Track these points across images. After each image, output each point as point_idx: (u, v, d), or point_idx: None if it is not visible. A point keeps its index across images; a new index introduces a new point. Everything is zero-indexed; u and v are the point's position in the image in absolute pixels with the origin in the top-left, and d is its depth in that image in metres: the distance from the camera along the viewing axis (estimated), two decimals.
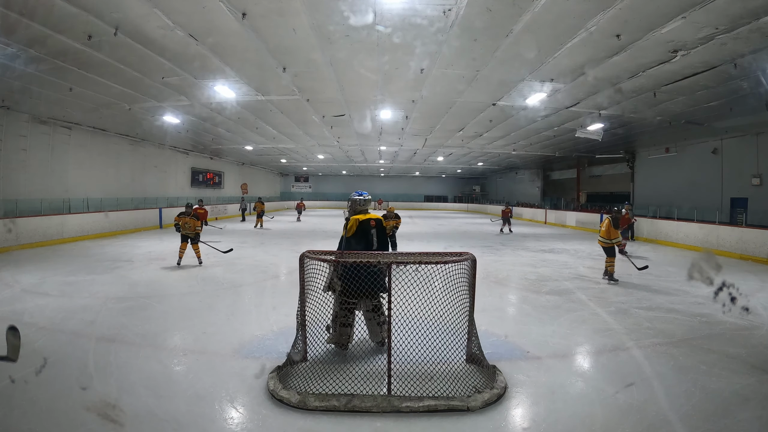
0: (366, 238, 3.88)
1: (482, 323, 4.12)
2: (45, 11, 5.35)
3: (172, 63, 7.41)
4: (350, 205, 4.11)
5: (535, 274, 7.69)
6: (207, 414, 2.69)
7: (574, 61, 7.07)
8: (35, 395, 2.84)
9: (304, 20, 5.70)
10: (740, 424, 2.63)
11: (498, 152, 19.54)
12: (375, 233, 3.93)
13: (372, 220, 3.96)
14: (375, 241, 3.91)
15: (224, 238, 13.05)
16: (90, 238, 12.25)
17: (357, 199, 4.11)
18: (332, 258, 3.31)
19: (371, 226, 3.93)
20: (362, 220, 3.94)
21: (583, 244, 12.39)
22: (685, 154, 15.60)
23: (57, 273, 7.04)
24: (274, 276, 7.46)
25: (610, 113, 10.75)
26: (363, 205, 4.11)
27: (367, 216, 4.00)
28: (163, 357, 3.63)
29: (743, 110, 10.18)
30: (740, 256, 9.89)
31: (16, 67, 7.22)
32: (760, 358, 3.66)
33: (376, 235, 3.93)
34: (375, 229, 3.95)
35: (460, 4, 5.15)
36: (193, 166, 21.82)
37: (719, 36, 5.79)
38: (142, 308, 5.08)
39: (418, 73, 7.92)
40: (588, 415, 2.73)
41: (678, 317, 4.94)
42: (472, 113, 11.56)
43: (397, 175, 38.82)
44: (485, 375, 3.19)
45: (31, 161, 11.46)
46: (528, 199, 29.58)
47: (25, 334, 4.19)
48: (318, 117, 12.19)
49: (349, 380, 3.03)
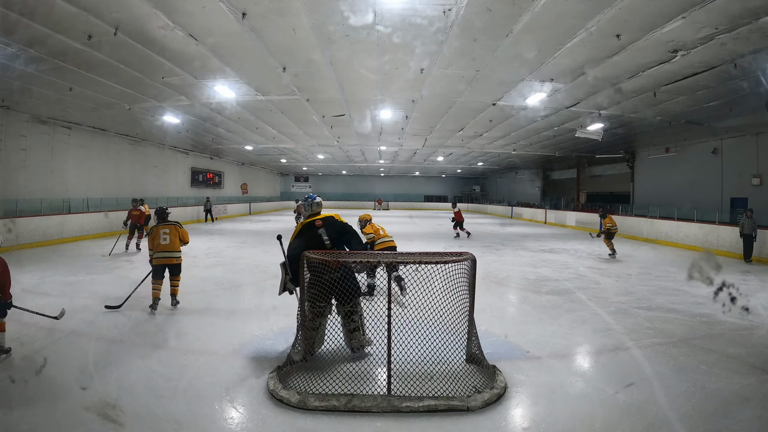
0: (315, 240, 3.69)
1: (482, 323, 4.12)
2: (45, 11, 5.34)
3: (172, 63, 7.41)
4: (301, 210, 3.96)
5: (535, 274, 7.69)
6: (207, 414, 2.69)
7: (574, 61, 7.06)
8: (35, 395, 2.84)
9: (304, 20, 5.70)
10: (740, 424, 2.62)
11: (498, 152, 19.53)
12: (324, 232, 3.73)
13: (318, 220, 3.79)
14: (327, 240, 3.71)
15: (224, 239, 13.05)
16: (90, 238, 12.25)
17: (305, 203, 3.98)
18: (332, 258, 3.30)
19: (317, 226, 3.75)
20: (306, 222, 3.84)
21: (583, 244, 12.39)
22: (685, 154, 15.60)
23: (57, 273, 7.03)
24: (274, 276, 7.45)
25: (610, 113, 10.75)
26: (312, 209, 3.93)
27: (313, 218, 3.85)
28: (163, 357, 3.63)
29: (743, 110, 10.17)
30: (740, 257, 9.88)
31: (16, 67, 7.22)
32: (760, 358, 3.66)
33: (326, 233, 3.73)
34: (322, 228, 3.75)
35: (460, 4, 5.15)
36: (193, 166, 21.83)
37: (719, 36, 5.79)
38: (142, 308, 5.08)
39: (418, 73, 7.92)
40: (588, 415, 2.73)
41: (678, 317, 4.94)
42: (472, 113, 11.56)
43: (397, 175, 38.83)
44: (485, 375, 3.19)
45: (31, 161, 11.46)
46: (528, 199, 29.58)
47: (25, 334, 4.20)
48: (318, 117, 12.19)
49: (349, 380, 3.03)
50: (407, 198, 39.92)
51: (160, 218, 5.41)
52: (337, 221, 3.85)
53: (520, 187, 31.65)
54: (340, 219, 3.88)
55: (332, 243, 3.73)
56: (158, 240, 5.10)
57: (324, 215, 3.87)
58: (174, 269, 5.18)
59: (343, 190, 39.12)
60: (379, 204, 36.99)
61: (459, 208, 14.89)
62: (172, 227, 5.23)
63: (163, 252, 5.08)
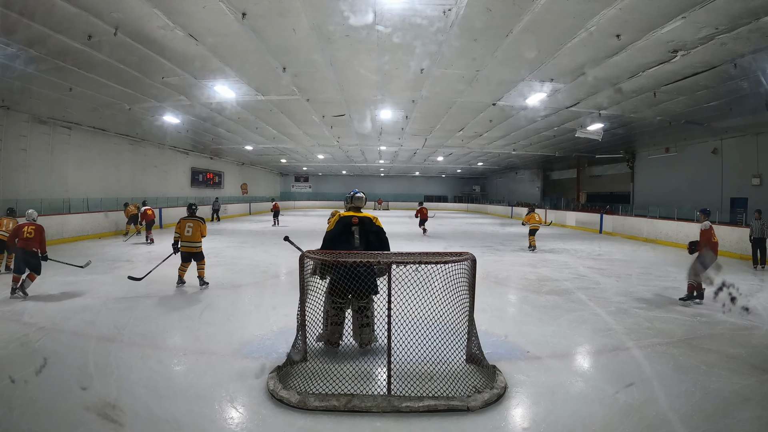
0: (346, 235, 3.73)
1: (482, 323, 4.11)
2: (45, 11, 5.35)
3: (172, 63, 7.41)
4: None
5: (535, 274, 7.69)
6: (207, 414, 2.69)
7: (574, 61, 7.07)
8: (35, 395, 2.84)
9: (304, 20, 5.70)
10: (740, 424, 2.62)
11: (498, 152, 19.53)
12: (357, 231, 3.76)
13: (355, 217, 3.79)
14: (357, 240, 3.74)
15: (224, 239, 13.06)
16: (90, 238, 12.25)
17: (348, 196, 4.01)
18: (331, 258, 3.30)
19: (353, 224, 3.77)
20: (343, 216, 3.83)
21: (583, 244, 12.40)
22: (685, 154, 15.60)
23: (57, 273, 7.03)
24: (274, 276, 7.46)
25: (610, 113, 10.76)
26: (353, 202, 3.95)
27: (350, 213, 3.86)
28: (163, 357, 3.63)
29: (743, 110, 10.18)
30: (740, 256, 9.88)
31: (16, 67, 7.22)
32: (760, 358, 3.66)
33: (358, 233, 3.76)
34: (357, 226, 3.77)
35: (460, 4, 5.15)
36: (193, 166, 21.82)
37: (719, 36, 5.79)
38: (142, 308, 5.08)
39: (418, 73, 7.92)
40: (588, 415, 2.73)
41: (678, 317, 4.93)
42: (472, 113, 11.56)
43: (397, 175, 38.83)
44: (485, 375, 3.19)
45: (31, 161, 11.46)
46: (528, 199, 29.56)
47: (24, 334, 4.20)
48: (318, 117, 12.19)
49: (349, 380, 3.03)
50: (407, 198, 39.85)
51: (188, 213, 6.31)
52: (374, 225, 3.85)
53: (520, 187, 31.64)
54: (377, 223, 3.87)
55: (362, 244, 3.75)
56: (183, 231, 6.07)
57: (363, 215, 3.87)
58: (197, 256, 6.16)
59: (343, 190, 38.87)
60: (379, 204, 36.97)
61: (424, 206, 15.95)
62: (196, 222, 6.15)
63: (186, 242, 6.08)
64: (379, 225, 3.86)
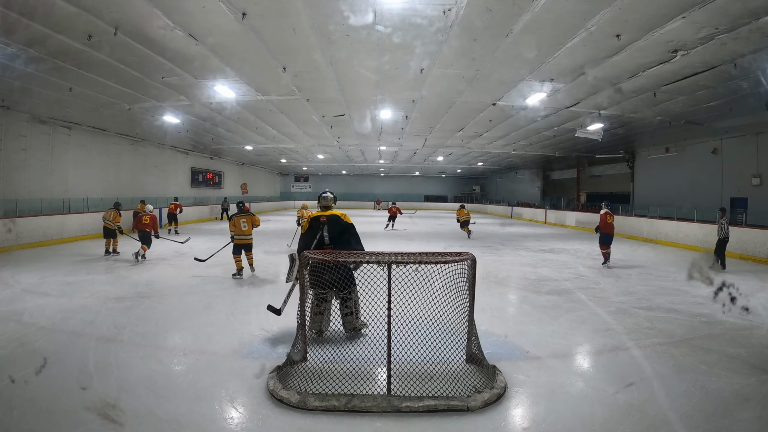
0: (312, 237, 4.04)
1: (482, 323, 4.12)
2: (45, 11, 5.34)
3: (172, 63, 7.41)
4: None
5: (535, 274, 7.69)
6: (207, 414, 2.69)
7: (574, 61, 7.06)
8: (35, 395, 2.84)
9: (304, 20, 5.70)
10: (740, 424, 2.63)
11: (498, 152, 19.53)
12: (325, 228, 4.04)
13: (323, 216, 4.10)
14: (327, 237, 4.02)
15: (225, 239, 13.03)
16: (90, 238, 12.24)
17: (320, 196, 4.36)
18: (331, 258, 3.30)
19: (321, 222, 4.06)
20: (313, 216, 4.13)
21: (583, 244, 12.39)
22: (685, 154, 15.60)
23: (57, 273, 7.03)
24: (274, 276, 7.46)
25: (610, 113, 10.75)
26: (321, 202, 4.29)
27: (319, 213, 4.16)
28: (163, 357, 3.63)
29: (743, 110, 10.18)
30: (740, 256, 9.89)
31: (16, 67, 7.21)
32: (760, 358, 3.66)
33: (327, 230, 4.04)
34: (325, 225, 4.05)
35: (460, 4, 5.15)
36: (193, 166, 21.82)
37: (719, 36, 5.79)
38: (142, 308, 5.08)
39: (418, 73, 7.92)
40: (588, 415, 2.73)
41: (678, 317, 4.94)
42: (472, 113, 11.55)
43: (397, 175, 38.83)
44: (485, 375, 3.19)
45: (31, 161, 11.45)
46: (528, 199, 29.58)
47: (24, 334, 4.21)
48: (318, 117, 12.19)
49: (349, 380, 3.03)
50: (407, 198, 39.81)
51: (239, 210, 7.19)
52: (340, 221, 4.12)
53: (520, 187, 31.64)
54: (345, 219, 4.14)
55: (332, 241, 4.02)
56: (239, 226, 6.92)
57: (330, 213, 4.15)
58: (247, 248, 7.09)
59: (343, 190, 39.04)
60: (378, 204, 36.97)
61: (397, 205, 17.37)
62: (248, 217, 7.05)
63: (240, 235, 6.93)
64: (347, 221, 4.14)
